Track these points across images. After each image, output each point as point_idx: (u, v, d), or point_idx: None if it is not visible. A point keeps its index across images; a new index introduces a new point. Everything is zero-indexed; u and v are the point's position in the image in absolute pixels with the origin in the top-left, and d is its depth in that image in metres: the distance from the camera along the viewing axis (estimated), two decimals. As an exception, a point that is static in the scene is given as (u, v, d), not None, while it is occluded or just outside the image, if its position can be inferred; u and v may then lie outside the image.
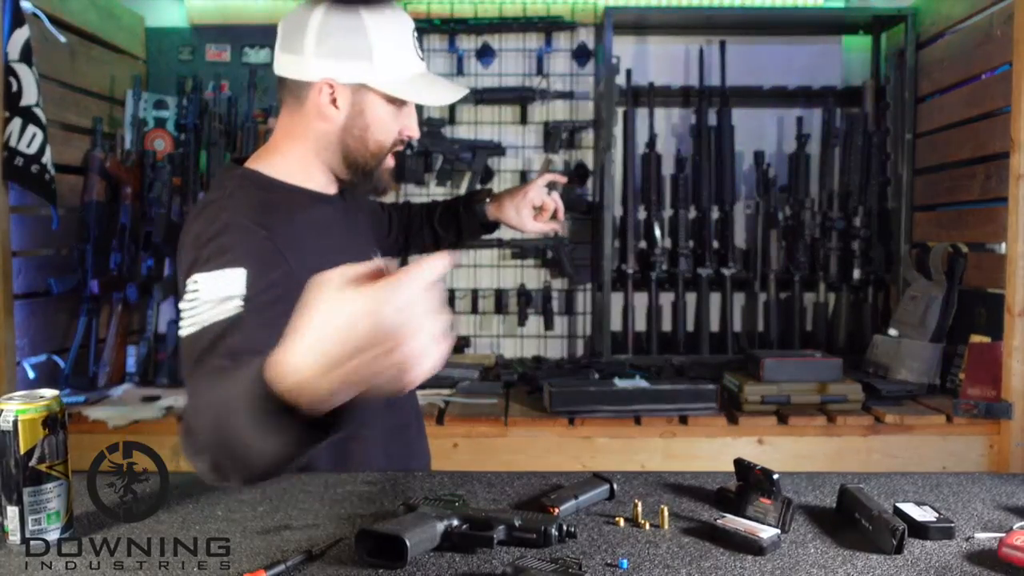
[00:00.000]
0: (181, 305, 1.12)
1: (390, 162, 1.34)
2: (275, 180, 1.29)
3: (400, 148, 1.34)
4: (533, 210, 1.69)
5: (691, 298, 3.01)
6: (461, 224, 1.75)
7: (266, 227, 1.18)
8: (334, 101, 1.27)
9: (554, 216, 1.71)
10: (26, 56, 2.15)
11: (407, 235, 1.78)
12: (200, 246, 1.14)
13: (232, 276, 1.10)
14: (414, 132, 1.34)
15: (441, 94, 1.34)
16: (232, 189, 1.24)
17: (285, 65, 1.28)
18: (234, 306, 1.08)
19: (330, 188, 1.36)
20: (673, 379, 2.53)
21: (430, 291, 0.68)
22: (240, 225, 1.17)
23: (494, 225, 1.74)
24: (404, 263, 1.20)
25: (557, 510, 1.08)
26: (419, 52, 1.32)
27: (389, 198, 3.06)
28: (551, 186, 1.74)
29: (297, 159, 1.31)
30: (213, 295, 1.09)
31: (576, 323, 3.16)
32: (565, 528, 1.01)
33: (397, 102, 1.30)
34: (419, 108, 2.98)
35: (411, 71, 1.30)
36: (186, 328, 1.09)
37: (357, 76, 1.25)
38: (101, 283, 2.59)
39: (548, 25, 3.04)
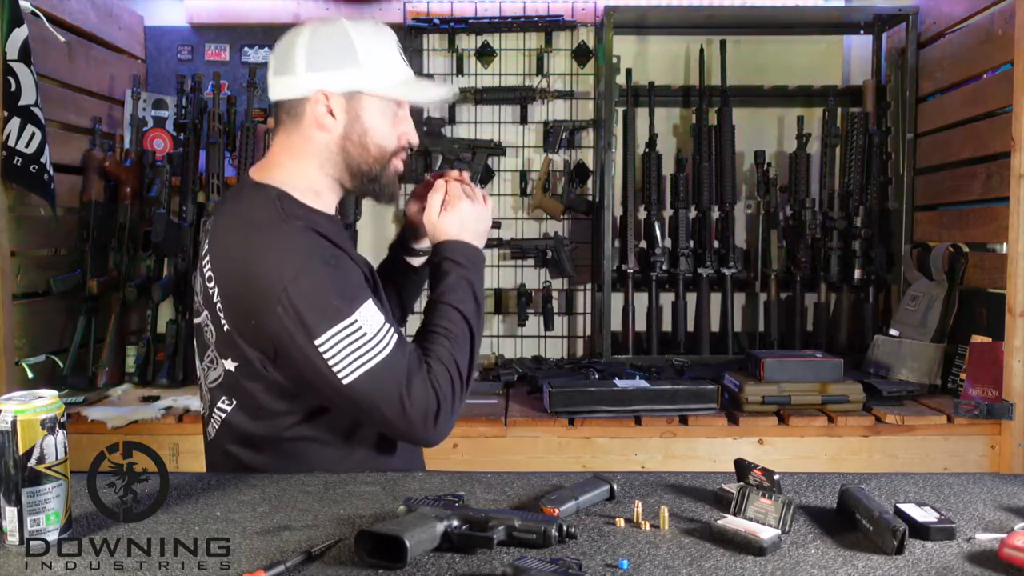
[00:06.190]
0: (340, 349, 1.21)
1: (399, 166, 1.40)
2: (304, 204, 1.33)
3: (404, 155, 1.41)
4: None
5: (691, 298, 3.00)
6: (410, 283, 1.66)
7: (344, 250, 1.31)
8: (331, 112, 1.32)
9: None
10: (24, 55, 2.15)
11: None
12: (325, 283, 1.24)
13: (372, 307, 1.25)
14: (413, 138, 1.40)
15: (433, 92, 1.44)
16: (290, 219, 1.28)
17: (279, 88, 1.35)
18: (389, 329, 1.26)
19: (333, 208, 1.40)
20: (673, 379, 2.52)
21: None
22: (338, 256, 1.28)
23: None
24: None
25: (557, 511, 1.07)
26: (405, 60, 1.38)
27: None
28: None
29: (306, 177, 1.35)
30: (373, 328, 1.24)
31: (576, 323, 3.16)
32: (565, 529, 1.00)
33: (392, 108, 1.36)
34: (419, 108, 3.02)
35: (400, 76, 1.36)
36: (365, 365, 1.22)
37: (349, 83, 1.32)
38: (100, 283, 2.58)
39: (548, 25, 3.04)
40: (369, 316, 1.24)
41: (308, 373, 1.24)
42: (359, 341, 1.22)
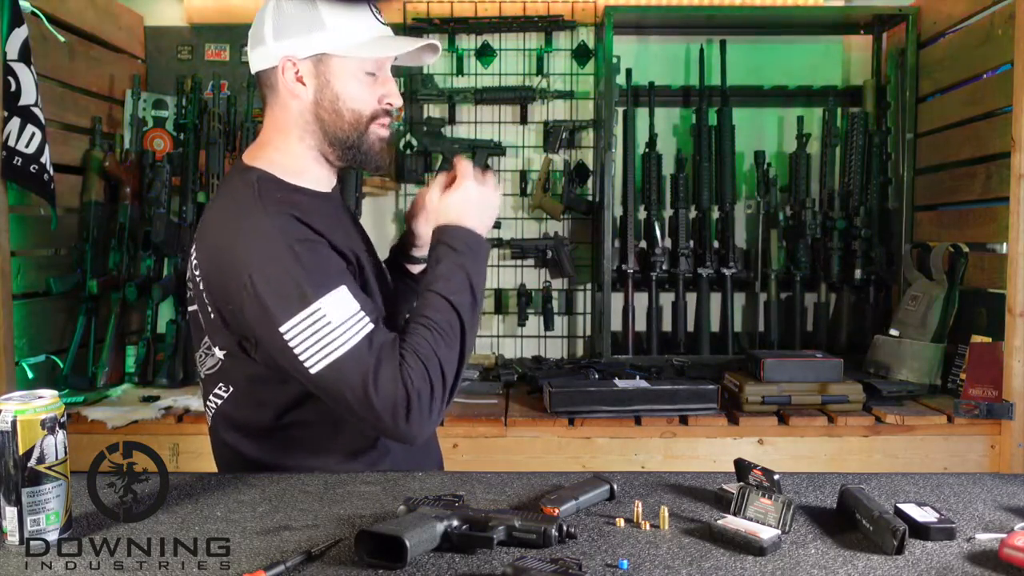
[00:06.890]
0: (304, 338, 1.18)
1: (382, 132, 1.34)
2: (289, 183, 1.31)
3: (387, 119, 1.34)
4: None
5: (691, 298, 3.00)
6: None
7: (323, 235, 1.25)
8: (301, 79, 1.29)
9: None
10: (25, 55, 2.15)
11: None
12: (289, 270, 1.20)
13: (343, 295, 1.20)
14: (395, 99, 1.34)
15: (404, 46, 1.33)
16: (266, 204, 1.25)
17: (254, 61, 1.32)
18: (361, 319, 1.19)
19: (327, 185, 1.38)
20: (673, 379, 2.52)
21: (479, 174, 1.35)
22: (310, 241, 1.23)
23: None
24: None
25: (557, 511, 1.07)
26: (379, 17, 1.32)
27: (390, 198, 3.08)
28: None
29: (291, 153, 1.33)
30: (339, 317, 1.18)
31: (576, 323, 3.16)
32: (565, 529, 1.00)
33: (367, 70, 1.30)
34: (419, 105, 3.02)
35: (371, 34, 1.30)
36: (331, 355, 1.18)
37: (314, 47, 1.27)
38: (100, 283, 2.58)
39: (548, 25, 3.04)
40: (336, 304, 1.18)
41: (280, 361, 1.22)
42: (323, 330, 1.18)
